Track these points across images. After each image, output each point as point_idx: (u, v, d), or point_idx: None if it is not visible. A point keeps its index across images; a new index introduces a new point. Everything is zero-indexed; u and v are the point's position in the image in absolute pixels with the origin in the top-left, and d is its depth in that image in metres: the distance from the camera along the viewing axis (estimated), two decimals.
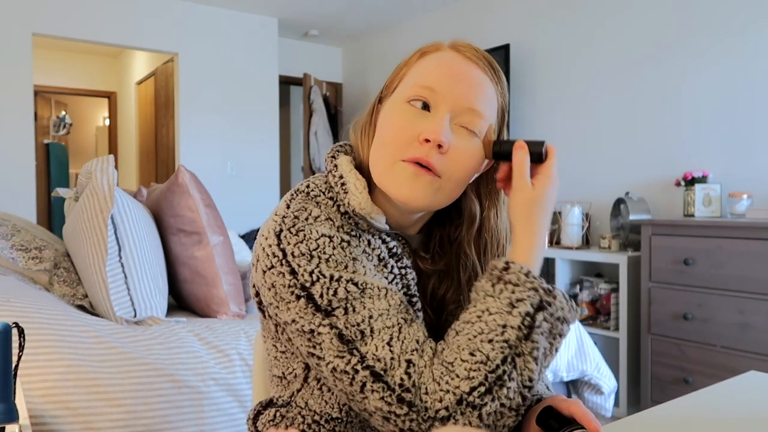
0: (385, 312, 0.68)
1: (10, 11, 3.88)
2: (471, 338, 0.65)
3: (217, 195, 3.76)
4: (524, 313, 0.65)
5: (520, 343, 0.64)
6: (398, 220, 0.79)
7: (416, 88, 0.74)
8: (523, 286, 0.66)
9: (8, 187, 3.86)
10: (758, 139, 2.74)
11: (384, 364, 0.65)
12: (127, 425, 1.30)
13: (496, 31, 4.02)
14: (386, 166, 0.73)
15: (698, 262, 2.46)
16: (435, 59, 0.76)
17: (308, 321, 0.68)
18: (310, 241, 0.70)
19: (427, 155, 0.71)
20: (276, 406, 0.82)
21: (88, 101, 7.70)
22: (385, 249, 0.77)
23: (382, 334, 0.67)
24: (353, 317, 0.67)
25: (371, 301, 0.68)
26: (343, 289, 0.68)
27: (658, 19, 3.11)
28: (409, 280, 0.77)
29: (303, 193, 0.77)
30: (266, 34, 4.86)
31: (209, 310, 1.79)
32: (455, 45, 0.77)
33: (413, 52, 0.79)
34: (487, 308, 0.67)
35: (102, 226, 1.56)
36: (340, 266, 0.70)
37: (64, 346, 1.33)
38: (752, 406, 0.86)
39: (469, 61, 0.75)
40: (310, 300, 0.68)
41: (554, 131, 3.67)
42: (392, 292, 0.70)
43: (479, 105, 0.74)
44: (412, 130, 0.72)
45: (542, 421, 0.70)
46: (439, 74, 0.74)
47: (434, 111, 0.73)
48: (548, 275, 3.46)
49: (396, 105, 0.75)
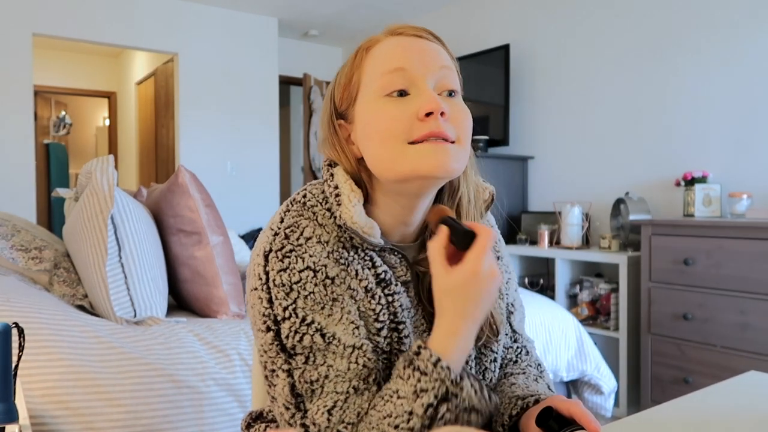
0: (341, 374, 0.68)
1: (10, 11, 3.88)
2: (381, 418, 0.66)
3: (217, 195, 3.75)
4: (427, 404, 0.64)
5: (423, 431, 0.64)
6: (398, 229, 0.78)
7: (385, 76, 0.72)
8: (430, 375, 0.64)
9: (8, 187, 3.86)
10: (758, 139, 2.74)
11: (318, 430, 0.67)
12: (127, 425, 1.30)
13: (496, 31, 4.02)
14: (398, 155, 0.70)
15: (698, 262, 2.46)
16: (385, 47, 0.74)
17: (271, 359, 0.70)
18: (293, 273, 0.69)
19: (435, 126, 0.69)
20: (266, 421, 0.83)
21: (88, 101, 7.70)
22: (372, 277, 0.74)
23: (327, 399, 0.67)
24: (309, 372, 0.68)
25: (333, 357, 0.68)
26: (310, 337, 0.68)
27: (658, 19, 3.11)
28: (396, 308, 0.75)
29: (299, 203, 0.75)
30: (266, 34, 4.86)
31: (209, 310, 1.79)
32: (393, 31, 0.76)
33: (353, 55, 0.77)
34: (398, 390, 0.66)
35: (102, 227, 1.56)
36: (317, 306, 0.69)
37: (64, 346, 1.33)
38: (752, 406, 0.86)
39: (416, 37, 0.75)
40: (277, 337, 0.69)
41: (554, 131, 3.67)
42: (359, 351, 0.69)
43: (446, 61, 0.74)
44: (406, 114, 0.70)
45: (542, 421, 0.70)
46: (400, 53, 0.73)
47: (415, 89, 0.71)
48: (548, 275, 3.47)
49: (373, 103, 0.72)
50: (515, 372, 0.87)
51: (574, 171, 3.55)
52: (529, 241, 3.46)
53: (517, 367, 0.88)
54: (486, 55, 3.86)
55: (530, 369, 0.88)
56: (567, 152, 3.59)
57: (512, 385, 0.82)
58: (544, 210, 3.66)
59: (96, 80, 6.72)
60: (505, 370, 0.88)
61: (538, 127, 3.77)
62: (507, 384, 0.83)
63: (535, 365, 0.90)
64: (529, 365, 0.89)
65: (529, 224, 3.56)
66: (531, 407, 0.75)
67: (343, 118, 0.77)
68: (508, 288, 0.89)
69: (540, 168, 3.74)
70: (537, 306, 2.17)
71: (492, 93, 3.79)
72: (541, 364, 0.91)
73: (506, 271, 0.90)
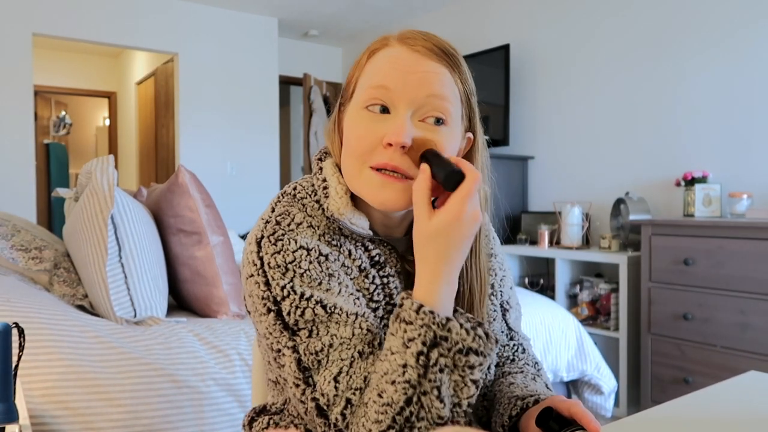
0: (345, 341, 0.68)
1: (10, 11, 3.88)
2: (379, 377, 0.65)
3: (217, 195, 3.76)
4: (417, 352, 0.63)
5: (421, 382, 0.63)
6: (384, 222, 0.78)
7: (370, 90, 0.72)
8: (415, 323, 0.64)
9: (8, 187, 3.86)
10: (758, 139, 2.74)
11: (327, 400, 0.66)
12: (127, 425, 1.30)
13: (496, 31, 4.02)
14: (354, 174, 0.72)
15: (698, 262, 2.46)
16: (384, 56, 0.73)
17: (276, 339, 0.70)
18: (287, 253, 0.70)
19: (392, 159, 0.69)
20: (269, 414, 0.83)
21: (88, 101, 7.70)
22: (366, 258, 0.76)
23: (333, 367, 0.67)
24: (314, 343, 0.68)
25: (336, 326, 0.68)
26: (311, 310, 0.68)
27: (658, 19, 3.11)
28: (392, 289, 0.76)
29: (289, 195, 0.77)
30: (266, 34, 4.86)
31: (209, 310, 1.79)
32: (403, 38, 0.74)
33: (363, 52, 0.77)
34: (390, 347, 0.65)
35: (102, 226, 1.56)
36: (314, 282, 0.70)
37: (64, 346, 1.33)
38: (752, 406, 0.86)
39: (419, 54, 0.72)
40: (279, 316, 0.69)
41: (554, 131, 3.67)
42: (362, 318, 0.69)
43: (438, 89, 0.71)
44: (374, 136, 0.70)
45: (542, 422, 0.69)
46: (389, 71, 0.71)
47: (393, 111, 0.71)
48: (548, 275, 3.47)
49: (355, 112, 0.73)
50: (513, 371, 0.87)
51: (574, 171, 3.55)
52: (529, 241, 3.46)
53: (515, 365, 0.88)
54: (486, 55, 3.86)
55: (528, 368, 0.88)
56: (567, 152, 3.59)
57: (511, 384, 0.82)
58: (544, 210, 3.66)
59: (96, 80, 6.72)
60: (503, 369, 0.88)
61: (538, 127, 3.77)
62: (505, 383, 0.83)
63: (532, 363, 0.90)
64: (526, 363, 0.89)
65: (529, 224, 3.56)
66: (531, 407, 0.75)
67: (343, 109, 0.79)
68: (502, 285, 0.89)
69: (540, 168, 3.74)
70: (537, 306, 2.17)
71: (492, 93, 3.79)
72: (538, 362, 0.91)
73: (500, 268, 0.90)
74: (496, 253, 0.90)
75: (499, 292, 0.88)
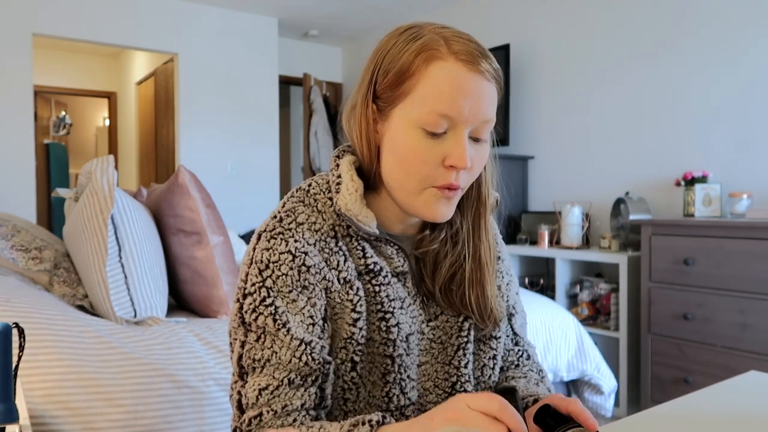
0: (282, 364, 0.71)
1: (10, 11, 3.88)
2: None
3: (217, 195, 3.76)
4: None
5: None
6: (402, 221, 0.80)
7: (433, 116, 0.70)
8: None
9: (8, 187, 3.86)
10: (758, 139, 2.74)
11: (247, 401, 0.72)
12: (127, 425, 1.30)
13: (496, 31, 4.02)
14: (412, 192, 0.74)
15: (698, 262, 2.46)
16: (445, 75, 0.70)
17: (234, 329, 0.75)
18: (273, 252, 0.73)
19: (456, 179, 0.73)
20: None
21: (88, 101, 7.70)
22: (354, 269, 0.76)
23: (262, 380, 0.71)
24: (255, 351, 0.72)
25: (279, 345, 0.71)
26: (264, 318, 0.72)
27: (658, 19, 3.11)
28: (383, 297, 0.76)
29: (303, 190, 0.79)
30: (266, 34, 4.86)
31: (209, 311, 1.79)
32: (457, 52, 0.70)
33: (414, 53, 0.71)
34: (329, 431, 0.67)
35: (102, 227, 1.56)
36: (285, 289, 0.72)
37: (64, 346, 1.33)
38: (752, 406, 0.86)
39: (477, 74, 0.70)
40: (241, 309, 0.74)
41: (554, 131, 3.67)
42: (307, 347, 0.71)
43: (491, 114, 0.74)
44: (435, 158, 0.72)
45: (540, 419, 0.70)
46: (454, 98, 0.69)
47: (452, 132, 0.72)
48: (548, 275, 3.47)
49: (410, 127, 0.71)
50: (516, 376, 0.87)
51: (574, 171, 3.55)
52: (529, 241, 3.46)
53: (519, 371, 0.88)
54: None
55: (531, 374, 0.88)
56: (567, 152, 3.59)
57: None
58: (544, 210, 3.66)
59: (96, 80, 6.72)
60: (506, 374, 0.88)
61: (538, 127, 3.77)
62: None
63: (536, 370, 0.90)
64: (530, 370, 0.89)
65: (529, 224, 3.56)
66: (530, 407, 0.75)
67: (379, 103, 0.75)
68: (509, 290, 0.89)
69: (540, 168, 3.74)
70: (537, 306, 2.17)
71: None
72: (542, 370, 0.91)
73: (507, 273, 0.90)
74: (503, 257, 0.90)
75: (505, 295, 0.88)
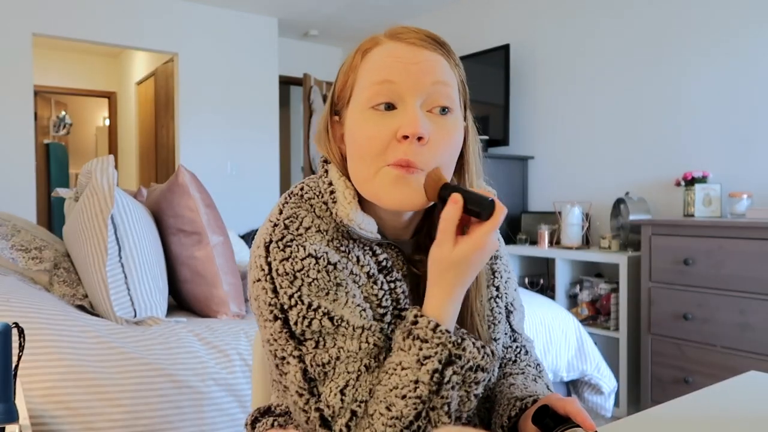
0: (352, 354, 0.68)
1: (10, 11, 3.88)
2: (387, 391, 0.66)
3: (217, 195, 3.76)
4: (432, 370, 0.65)
5: (431, 398, 0.65)
6: (393, 225, 0.78)
7: (374, 87, 0.70)
8: (431, 342, 0.65)
9: (8, 187, 3.86)
10: (758, 139, 2.74)
11: (332, 411, 0.67)
12: (127, 425, 1.30)
13: (496, 31, 4.02)
14: (368, 177, 0.71)
15: (698, 262, 2.46)
16: (379, 53, 0.72)
17: (281, 347, 0.70)
18: (295, 261, 0.69)
19: (406, 153, 0.68)
20: (274, 415, 0.82)
21: (88, 101, 7.70)
22: (374, 264, 0.75)
23: (339, 379, 0.67)
24: (320, 355, 0.68)
25: (343, 339, 0.69)
26: (318, 321, 0.68)
27: (658, 19, 3.11)
28: (399, 294, 0.76)
29: (297, 196, 0.76)
30: (266, 34, 4.86)
31: (209, 310, 1.79)
32: (394, 34, 0.73)
33: (352, 53, 0.75)
34: (400, 362, 0.67)
35: (102, 227, 1.56)
36: (321, 293, 0.69)
37: (64, 346, 1.33)
38: (752, 406, 0.86)
39: (414, 46, 0.71)
40: (286, 324, 0.69)
41: (554, 131, 3.67)
42: (368, 332, 0.70)
43: (440, 76, 0.71)
44: (385, 133, 0.69)
45: (538, 420, 0.70)
46: (389, 65, 0.70)
47: (401, 105, 0.70)
48: (548, 275, 3.47)
49: (358, 114, 0.72)
50: (514, 372, 0.87)
51: (574, 171, 3.55)
52: (529, 241, 3.46)
53: (516, 366, 0.88)
54: (486, 55, 3.86)
55: (529, 369, 0.88)
56: (567, 152, 3.59)
57: (511, 385, 0.82)
58: (544, 210, 3.66)
59: (96, 80, 6.72)
60: (504, 370, 0.88)
61: (538, 127, 3.77)
62: (506, 384, 0.83)
63: (534, 365, 0.90)
64: (528, 365, 0.89)
65: (529, 224, 3.56)
66: (529, 407, 0.75)
67: (339, 115, 0.78)
68: (507, 287, 0.89)
69: (540, 168, 3.74)
70: (537, 306, 2.17)
71: (492, 93, 3.79)
72: (540, 364, 0.91)
73: (506, 270, 0.90)
74: (501, 255, 0.90)
75: (504, 294, 0.88)
